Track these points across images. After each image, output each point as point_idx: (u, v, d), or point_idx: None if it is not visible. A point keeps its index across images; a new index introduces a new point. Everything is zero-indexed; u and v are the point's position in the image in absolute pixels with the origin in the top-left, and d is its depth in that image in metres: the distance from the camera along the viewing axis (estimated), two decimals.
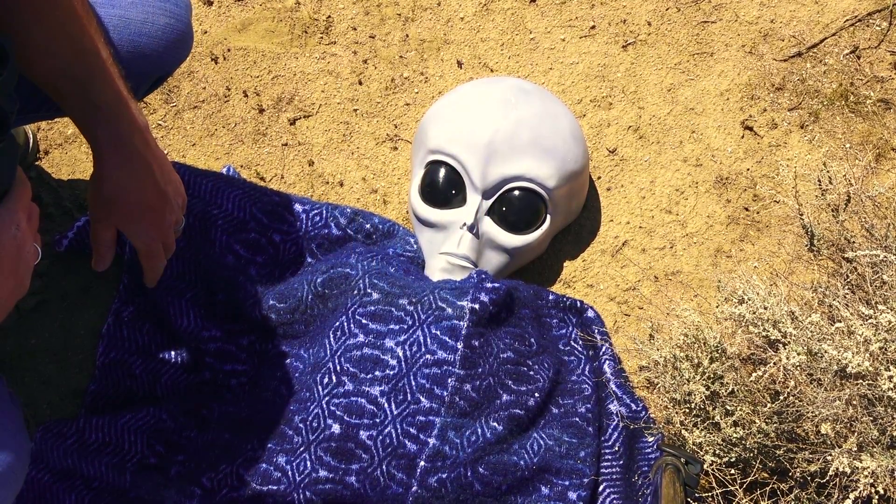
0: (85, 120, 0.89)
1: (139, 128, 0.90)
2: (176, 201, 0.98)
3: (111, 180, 0.92)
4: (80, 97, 0.87)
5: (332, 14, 1.60)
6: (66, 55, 0.84)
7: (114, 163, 0.91)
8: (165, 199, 0.96)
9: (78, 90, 0.87)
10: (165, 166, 0.95)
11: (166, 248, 1.01)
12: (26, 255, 0.82)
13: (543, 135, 1.33)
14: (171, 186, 0.97)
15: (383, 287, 1.22)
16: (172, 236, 1.00)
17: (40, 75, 0.86)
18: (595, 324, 1.34)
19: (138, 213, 0.95)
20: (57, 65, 0.85)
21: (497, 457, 1.17)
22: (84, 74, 0.86)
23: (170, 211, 0.97)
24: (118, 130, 0.89)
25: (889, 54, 1.56)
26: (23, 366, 1.33)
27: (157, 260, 1.01)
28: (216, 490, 1.17)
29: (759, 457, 1.14)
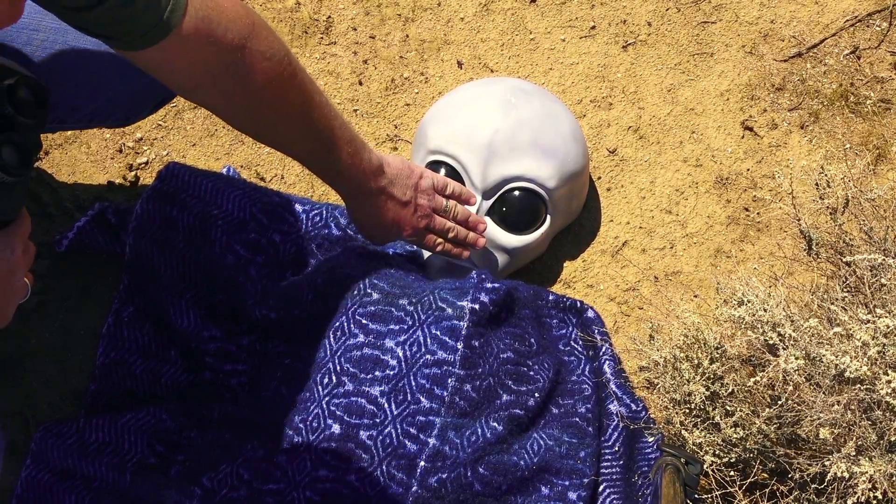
0: (328, 180, 1.17)
1: (367, 183, 1.16)
2: (422, 209, 1.24)
3: (355, 216, 1.22)
4: (321, 168, 1.15)
5: (332, 14, 1.60)
6: (305, 144, 1.10)
7: (351, 207, 1.20)
8: (405, 214, 1.22)
9: (318, 164, 1.14)
10: (394, 192, 1.20)
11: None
12: (15, 283, 0.86)
13: (543, 135, 1.32)
14: (410, 198, 1.23)
15: (383, 287, 1.22)
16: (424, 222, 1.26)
17: (283, 153, 1.16)
18: (595, 324, 1.34)
19: (384, 232, 1.23)
20: (300, 151, 1.12)
21: (497, 457, 1.17)
22: (322, 151, 1.10)
23: (414, 214, 1.23)
24: (353, 185, 1.16)
25: (889, 54, 1.56)
26: (23, 366, 1.34)
27: (432, 245, 1.28)
28: (216, 490, 1.17)
29: (758, 458, 1.14)
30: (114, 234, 1.35)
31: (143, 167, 1.48)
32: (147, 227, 1.30)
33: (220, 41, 0.93)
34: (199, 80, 0.97)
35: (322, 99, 1.08)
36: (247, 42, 0.95)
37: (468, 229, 1.30)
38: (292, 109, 1.05)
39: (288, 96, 1.03)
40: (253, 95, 1.00)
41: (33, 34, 1.07)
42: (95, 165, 1.47)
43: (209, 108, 1.06)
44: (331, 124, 1.09)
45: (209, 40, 0.92)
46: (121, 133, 1.50)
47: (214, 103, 1.04)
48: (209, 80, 0.97)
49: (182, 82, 0.98)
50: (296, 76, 1.03)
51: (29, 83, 0.80)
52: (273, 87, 1.00)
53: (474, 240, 1.30)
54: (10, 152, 0.77)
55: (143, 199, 1.31)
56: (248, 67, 0.97)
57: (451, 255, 1.29)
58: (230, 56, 0.95)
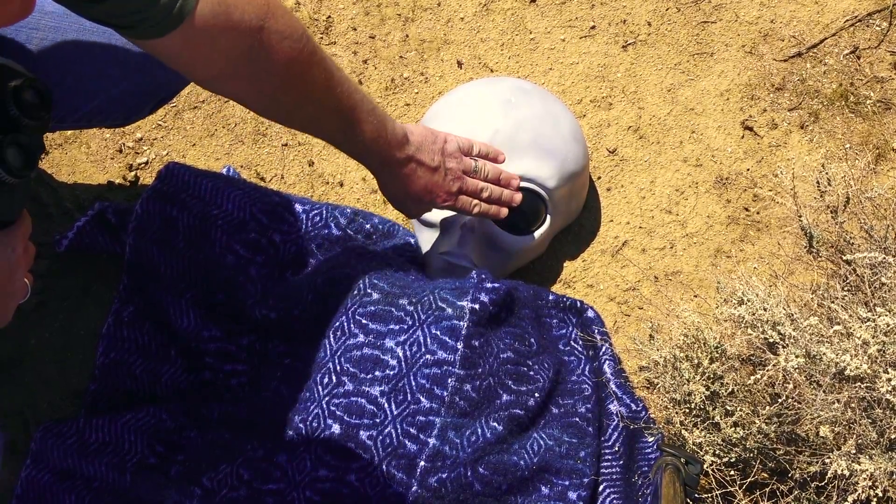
0: (355, 155, 1.17)
1: (394, 154, 1.16)
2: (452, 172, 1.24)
3: (387, 190, 1.22)
4: (348, 144, 1.14)
5: (332, 14, 1.60)
6: (332, 121, 1.10)
7: (381, 181, 1.21)
8: (436, 180, 1.21)
9: (345, 140, 1.13)
10: (423, 158, 1.20)
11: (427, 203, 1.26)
12: (15, 283, 0.86)
13: (543, 135, 1.32)
14: (439, 163, 1.22)
15: (383, 287, 1.22)
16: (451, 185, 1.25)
17: (311, 134, 1.18)
18: (595, 324, 1.34)
19: (418, 201, 1.22)
20: (327, 129, 1.12)
21: (497, 457, 1.17)
22: (348, 126, 1.10)
23: (445, 178, 1.23)
24: (381, 158, 1.16)
25: (889, 54, 1.56)
26: (23, 366, 1.34)
27: (469, 208, 1.27)
28: (216, 490, 1.17)
29: (759, 457, 1.14)
30: (114, 234, 1.35)
31: (143, 167, 1.48)
32: (147, 227, 1.30)
33: (237, 25, 0.92)
34: (218, 68, 0.96)
35: (342, 74, 1.07)
36: (264, 23, 0.94)
37: (501, 187, 1.29)
38: (316, 88, 1.04)
39: (310, 75, 1.02)
40: (275, 77, 1.00)
41: (32, 33, 1.07)
42: (95, 165, 1.47)
43: (233, 96, 1.06)
44: (352, 98, 1.09)
45: (226, 25, 0.91)
46: (121, 133, 1.50)
47: (237, 90, 1.03)
48: (229, 67, 0.96)
49: (202, 71, 0.98)
50: (315, 53, 1.02)
51: (34, 85, 0.80)
52: (295, 67, 1.00)
53: (509, 197, 1.29)
54: (14, 154, 0.77)
55: (143, 199, 1.31)
56: (267, 49, 0.96)
57: (490, 215, 1.28)
58: (248, 39, 0.94)
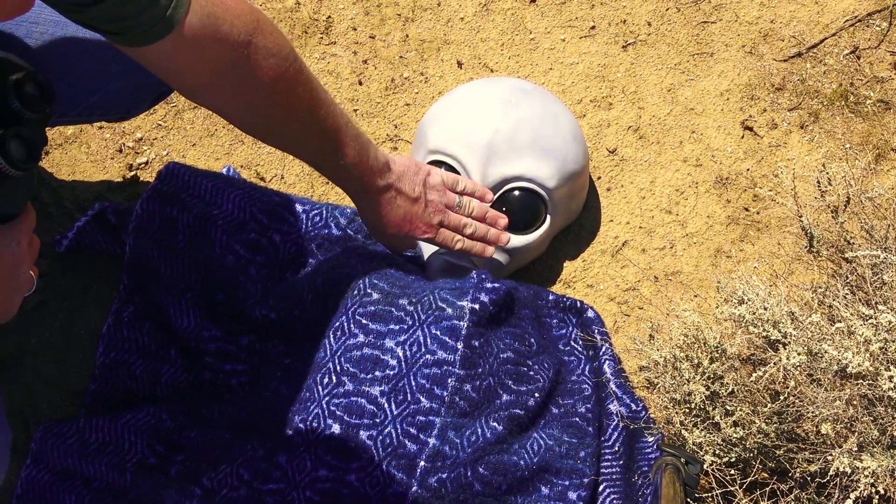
0: (335, 180, 1.16)
1: (374, 181, 1.15)
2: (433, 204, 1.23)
3: (365, 218, 1.21)
4: (328, 167, 1.13)
5: (332, 14, 1.60)
6: (313, 142, 1.09)
7: (361, 207, 1.20)
8: (416, 210, 1.21)
9: (325, 163, 1.13)
10: (403, 187, 1.19)
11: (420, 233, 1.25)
12: (20, 275, 0.87)
13: (543, 135, 1.32)
14: (420, 194, 1.21)
15: (383, 287, 1.22)
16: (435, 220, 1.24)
17: (293, 154, 1.17)
18: (595, 324, 1.34)
19: (397, 230, 1.21)
20: (308, 150, 1.12)
21: (497, 457, 1.17)
22: (329, 149, 1.09)
23: (425, 210, 1.22)
24: (361, 184, 1.15)
25: (889, 54, 1.57)
26: (23, 366, 1.34)
27: (450, 243, 1.26)
28: (216, 490, 1.17)
29: (759, 457, 1.14)
30: (114, 234, 1.35)
31: (143, 167, 1.48)
32: (147, 226, 1.30)
33: (225, 38, 0.92)
34: (204, 79, 0.96)
35: (327, 97, 1.07)
36: (252, 39, 0.94)
37: (488, 225, 1.29)
38: (300, 107, 1.04)
39: (294, 94, 1.02)
40: (259, 93, 1.00)
41: (32, 27, 1.07)
42: (95, 165, 1.47)
43: (216, 109, 1.06)
44: (336, 122, 1.08)
45: (214, 37, 0.91)
46: (121, 133, 1.50)
47: (221, 103, 1.03)
48: (215, 79, 0.96)
49: (187, 81, 0.98)
50: (302, 73, 1.02)
51: (36, 78, 0.80)
52: (279, 84, 1.00)
53: (495, 236, 1.29)
54: (17, 146, 0.77)
55: (143, 199, 1.31)
56: (253, 65, 0.96)
57: (474, 252, 1.28)
58: (235, 53, 0.94)
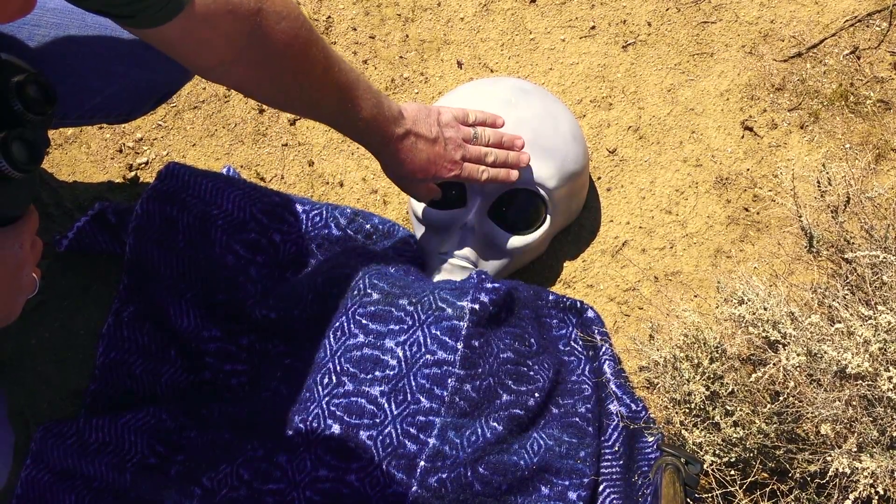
0: (354, 136, 1.17)
1: (392, 130, 1.16)
2: (452, 141, 1.25)
3: (390, 170, 1.23)
4: (347, 124, 1.14)
5: (332, 14, 1.60)
6: (331, 101, 1.10)
7: (384, 161, 1.21)
8: (437, 150, 1.22)
9: (344, 120, 1.14)
10: (420, 131, 1.20)
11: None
12: (23, 277, 0.87)
13: (543, 135, 1.32)
14: (437, 134, 1.22)
15: (383, 287, 1.22)
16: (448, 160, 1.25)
17: (312, 117, 1.20)
18: (595, 324, 1.34)
19: (423, 174, 1.22)
20: (327, 109, 1.12)
21: (497, 457, 1.17)
22: (347, 106, 1.10)
23: (446, 148, 1.23)
24: (379, 135, 1.16)
25: (889, 54, 1.56)
26: (23, 366, 1.34)
27: (477, 175, 1.27)
28: (216, 490, 1.17)
29: (759, 457, 1.14)
30: (114, 234, 1.35)
31: (143, 167, 1.48)
32: (147, 226, 1.31)
33: (236, 9, 0.92)
34: (220, 54, 0.96)
35: (336, 54, 1.08)
36: (262, 5, 0.95)
37: (505, 149, 1.29)
38: (315, 67, 1.05)
39: (309, 55, 1.03)
40: (276, 59, 1.00)
41: (34, 30, 1.07)
42: (95, 165, 1.47)
43: (235, 84, 1.06)
44: (349, 77, 1.09)
45: (225, 9, 0.92)
46: (121, 133, 1.50)
47: (239, 77, 1.03)
48: (231, 53, 0.96)
49: (203, 59, 0.98)
50: (312, 32, 1.03)
51: (38, 80, 0.81)
52: (294, 47, 1.00)
53: (516, 158, 1.29)
54: (19, 148, 0.78)
55: (143, 199, 1.31)
56: (267, 31, 0.96)
57: (500, 179, 1.28)
58: (248, 23, 0.94)
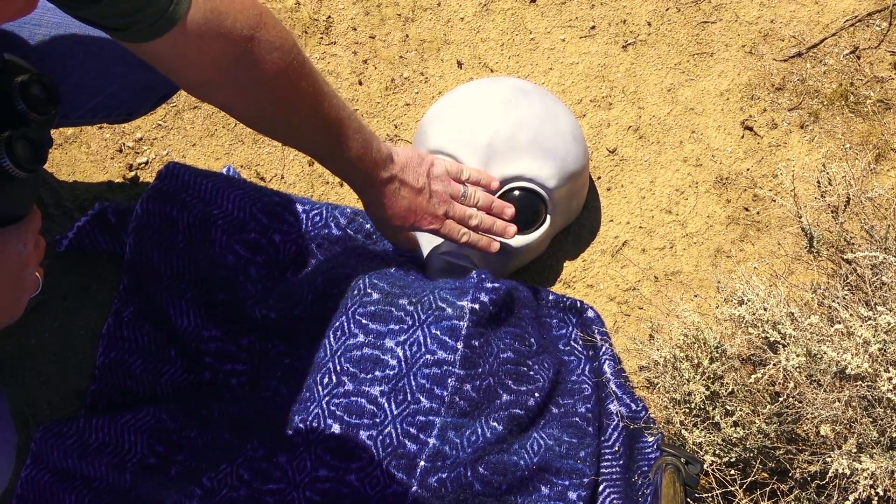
0: (339, 173, 1.16)
1: (378, 173, 1.15)
2: (438, 195, 1.23)
3: (370, 211, 1.20)
4: (332, 160, 1.13)
5: (332, 14, 1.60)
6: (317, 135, 1.09)
7: (365, 201, 1.19)
8: (420, 201, 1.20)
9: (329, 156, 1.12)
10: (406, 178, 1.19)
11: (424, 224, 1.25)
12: (27, 277, 0.87)
13: (543, 135, 1.32)
14: (424, 184, 1.21)
15: (383, 287, 1.22)
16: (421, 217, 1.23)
17: (297, 148, 1.17)
18: (595, 324, 1.34)
19: (402, 222, 1.20)
20: (312, 144, 1.12)
21: (497, 457, 1.17)
22: (333, 142, 1.09)
23: (430, 200, 1.21)
24: (364, 176, 1.14)
25: (889, 54, 1.56)
26: (23, 366, 1.34)
27: (456, 235, 1.26)
28: (216, 490, 1.17)
29: (759, 457, 1.14)
30: (114, 234, 1.35)
31: (143, 167, 1.48)
32: (147, 226, 1.31)
33: (228, 33, 0.92)
34: (208, 74, 0.96)
35: (330, 89, 1.07)
36: (255, 33, 0.94)
37: (493, 216, 1.28)
38: (303, 100, 1.04)
39: (298, 87, 1.02)
40: (263, 88, 0.99)
41: (35, 29, 1.07)
42: (95, 165, 1.47)
43: (219, 104, 1.06)
44: (339, 114, 1.08)
45: (217, 32, 0.91)
46: (121, 133, 1.50)
47: (225, 98, 1.03)
48: (218, 74, 0.96)
49: (190, 76, 0.98)
50: (305, 66, 1.02)
51: (41, 80, 0.81)
52: (283, 78, 1.00)
53: (502, 228, 1.28)
54: (23, 148, 0.78)
55: (143, 199, 1.31)
56: (256, 59, 0.96)
57: (480, 247, 1.27)
58: (238, 48, 0.94)
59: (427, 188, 1.21)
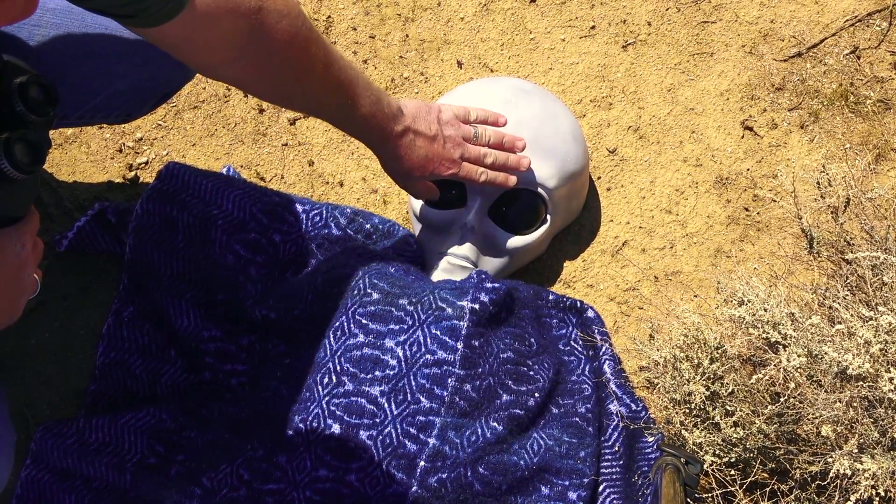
0: (354, 132, 1.18)
1: (391, 127, 1.17)
2: (451, 139, 1.24)
3: (388, 167, 1.22)
4: (347, 121, 1.15)
5: (332, 14, 1.60)
6: (332, 98, 1.10)
7: (382, 158, 1.21)
8: (435, 148, 1.22)
9: (344, 117, 1.14)
10: (419, 128, 1.20)
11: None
12: (25, 277, 0.87)
13: (543, 135, 1.32)
14: (437, 131, 1.22)
15: (383, 287, 1.22)
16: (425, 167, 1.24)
17: (312, 114, 1.20)
18: (595, 324, 1.34)
19: (421, 172, 1.22)
20: (327, 107, 1.13)
21: (497, 457, 1.17)
22: (347, 103, 1.11)
23: (444, 146, 1.23)
24: (378, 132, 1.16)
25: (889, 54, 1.56)
26: (23, 366, 1.34)
27: (475, 176, 1.26)
28: (216, 490, 1.17)
29: (759, 457, 1.14)
30: (114, 234, 1.35)
31: (143, 167, 1.48)
32: (147, 227, 1.30)
33: (237, 7, 0.93)
34: (222, 53, 0.97)
35: (336, 51, 1.09)
36: (263, 4, 0.95)
37: (506, 151, 1.29)
38: (315, 65, 1.05)
39: (309, 52, 1.03)
40: (277, 58, 1.00)
41: (35, 30, 1.08)
42: (95, 165, 1.47)
43: (235, 82, 1.07)
44: (349, 74, 1.10)
45: (226, 8, 0.92)
46: (121, 133, 1.49)
47: (240, 75, 1.03)
48: (232, 51, 0.97)
49: (204, 57, 0.98)
50: (312, 31, 1.03)
51: (40, 81, 0.81)
52: (294, 45, 1.01)
53: (516, 161, 1.28)
54: (22, 150, 0.78)
55: (143, 199, 1.31)
56: (267, 29, 0.97)
57: (497, 183, 1.27)
58: (248, 21, 0.95)
59: (440, 134, 1.22)
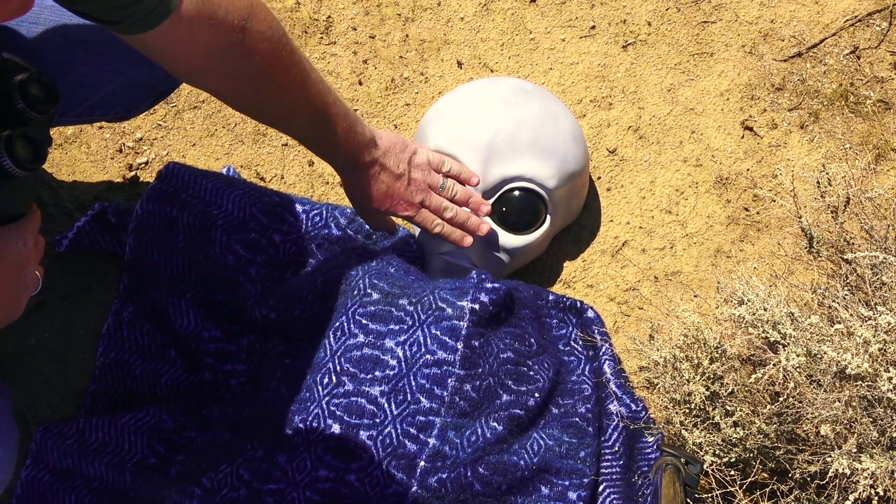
0: (323, 154, 1.18)
1: (361, 156, 1.17)
2: (417, 183, 1.24)
3: (349, 191, 1.23)
4: (317, 142, 1.16)
5: (332, 14, 1.60)
6: (303, 119, 1.11)
7: (345, 182, 1.22)
8: (398, 187, 1.22)
9: (314, 138, 1.15)
10: (387, 163, 1.21)
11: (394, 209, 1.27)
12: (26, 275, 0.87)
13: (543, 135, 1.32)
14: (404, 171, 1.23)
15: (383, 287, 1.22)
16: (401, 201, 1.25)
17: (282, 131, 1.19)
18: (595, 324, 1.34)
19: (378, 205, 1.22)
20: (298, 127, 1.14)
21: (497, 457, 1.17)
22: (319, 125, 1.12)
23: (408, 187, 1.23)
24: (347, 158, 1.17)
25: (889, 54, 1.56)
26: (23, 366, 1.34)
27: (429, 225, 1.26)
28: (216, 490, 1.17)
29: (759, 457, 1.14)
30: (114, 234, 1.35)
31: (143, 167, 1.48)
32: (147, 227, 1.31)
33: (221, 23, 0.93)
34: (200, 63, 0.97)
35: (317, 75, 1.09)
36: (246, 23, 0.96)
37: (470, 211, 1.28)
38: (292, 87, 1.06)
39: (287, 75, 1.04)
40: (254, 76, 1.01)
41: (33, 27, 1.08)
42: (95, 165, 1.47)
43: (211, 91, 1.07)
44: (326, 99, 1.11)
45: (210, 22, 0.92)
46: (121, 133, 1.50)
47: (216, 85, 1.04)
48: (210, 63, 0.97)
49: (184, 66, 0.99)
50: (294, 54, 1.04)
51: (40, 79, 0.81)
52: (273, 67, 1.01)
53: (475, 224, 1.28)
54: (23, 147, 0.78)
55: (143, 199, 1.31)
56: (248, 48, 0.97)
57: (452, 239, 1.27)
58: (230, 37, 0.95)
59: (406, 175, 1.22)
